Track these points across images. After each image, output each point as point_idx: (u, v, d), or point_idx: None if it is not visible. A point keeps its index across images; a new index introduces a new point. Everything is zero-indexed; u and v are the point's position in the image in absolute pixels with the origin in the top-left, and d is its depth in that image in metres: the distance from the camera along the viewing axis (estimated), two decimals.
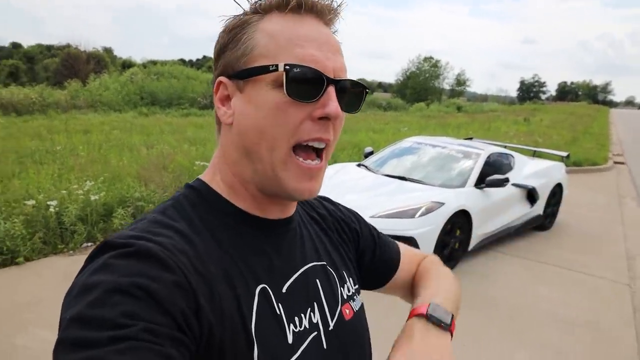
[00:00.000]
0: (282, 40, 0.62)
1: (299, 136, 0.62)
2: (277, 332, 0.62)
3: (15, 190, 4.88)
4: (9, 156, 7.05)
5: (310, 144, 0.63)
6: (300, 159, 0.63)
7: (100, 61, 32.99)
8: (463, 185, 5.01)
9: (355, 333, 0.76)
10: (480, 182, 5.10)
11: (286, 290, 0.66)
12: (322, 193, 3.73)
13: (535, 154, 7.42)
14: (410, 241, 4.26)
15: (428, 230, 4.31)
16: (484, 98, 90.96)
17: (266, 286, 0.64)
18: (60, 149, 7.78)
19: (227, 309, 0.58)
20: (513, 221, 5.58)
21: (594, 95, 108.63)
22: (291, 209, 0.73)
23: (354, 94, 0.67)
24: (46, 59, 43.83)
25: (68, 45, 36.55)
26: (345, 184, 5.15)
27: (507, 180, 5.07)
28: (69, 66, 30.92)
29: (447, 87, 53.89)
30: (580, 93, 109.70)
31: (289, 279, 0.68)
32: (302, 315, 0.67)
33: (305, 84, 0.60)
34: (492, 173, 5.29)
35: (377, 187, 4.99)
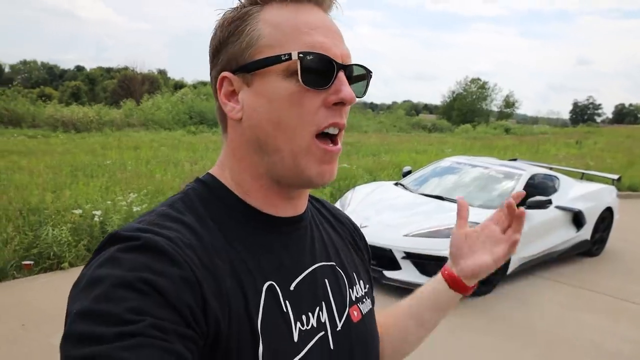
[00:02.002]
0: (288, 29, 0.60)
1: (317, 124, 0.61)
2: (283, 330, 0.61)
3: (65, 200, 5.17)
4: (64, 169, 7.48)
5: (326, 130, 0.62)
6: (323, 143, 0.62)
7: (154, 82, 34.70)
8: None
9: (364, 335, 0.74)
10: (521, 204, 4.91)
11: (294, 288, 0.65)
12: (359, 210, 3.79)
13: (583, 177, 7.09)
14: (445, 261, 4.14)
15: None
16: (535, 120, 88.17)
17: (274, 283, 0.63)
18: (110, 164, 8.19)
19: (233, 304, 0.57)
20: (557, 245, 5.33)
21: None
22: (302, 206, 0.71)
23: (358, 80, 0.67)
24: (106, 80, 46.57)
25: (126, 68, 38.75)
26: (382, 202, 5.12)
27: (549, 202, 4.87)
28: (125, 87, 32.77)
29: (495, 109, 52.70)
30: (639, 115, 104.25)
31: (297, 277, 0.66)
32: (310, 314, 0.66)
33: (319, 71, 0.60)
34: (534, 194, 5.09)
35: (414, 207, 4.92)
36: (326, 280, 0.71)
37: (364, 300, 0.77)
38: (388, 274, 4.29)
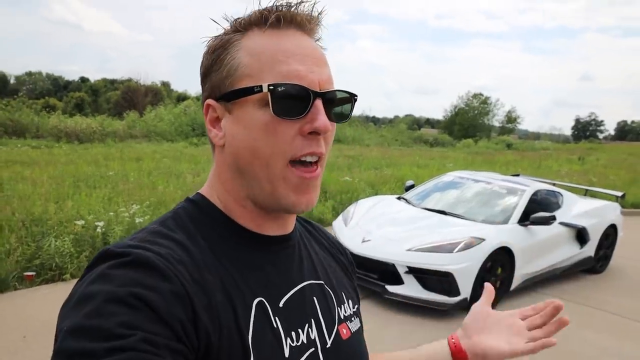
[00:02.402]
0: (265, 58, 0.61)
1: (292, 152, 0.61)
2: (273, 345, 0.61)
3: (68, 210, 5.17)
4: (67, 180, 7.49)
5: (303, 159, 0.62)
6: (298, 170, 0.63)
7: (158, 94, 34.93)
8: (506, 221, 4.85)
9: (353, 353, 0.74)
10: (525, 220, 4.91)
11: (283, 304, 0.66)
12: (361, 224, 3.77)
13: (587, 193, 7.08)
14: (448, 277, 4.14)
15: (466, 266, 4.17)
16: (536, 136, 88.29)
17: (263, 299, 0.63)
18: (113, 175, 8.20)
19: (224, 319, 0.57)
20: (560, 262, 5.30)
21: None
22: (290, 225, 0.72)
23: (342, 103, 0.66)
24: (109, 91, 46.88)
25: (129, 79, 39.05)
26: (384, 216, 5.11)
27: (553, 218, 4.85)
28: (128, 98, 33.00)
29: (496, 124, 52.86)
30: None
31: (286, 294, 0.67)
32: (300, 330, 0.66)
33: (292, 100, 0.60)
34: (537, 210, 5.08)
35: (417, 221, 4.92)
36: (315, 298, 0.71)
37: (353, 319, 0.78)
38: (391, 288, 4.26)
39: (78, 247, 4.53)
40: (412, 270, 4.22)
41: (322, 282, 0.75)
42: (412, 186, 6.21)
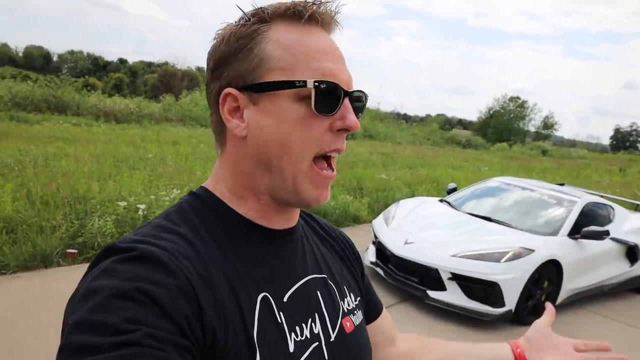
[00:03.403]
0: (299, 53, 0.61)
1: (321, 147, 0.62)
2: (278, 340, 0.61)
3: (110, 191, 5.21)
4: (107, 159, 7.60)
5: (329, 154, 0.64)
6: (320, 169, 0.64)
7: (194, 79, 35.22)
8: (555, 233, 4.64)
9: (357, 346, 0.75)
10: (575, 232, 4.69)
11: (287, 299, 0.66)
12: (403, 225, 3.63)
13: (638, 208, 6.75)
14: (493, 287, 3.99)
15: (514, 277, 4.01)
16: (572, 144, 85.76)
17: (267, 294, 0.63)
18: (152, 157, 8.28)
19: (229, 314, 0.57)
20: (609, 279, 5.06)
21: None
22: (294, 219, 0.73)
23: (362, 102, 0.68)
24: (147, 74, 47.69)
25: (166, 63, 39.59)
26: (426, 219, 4.98)
27: (607, 233, 4.62)
28: (165, 82, 33.39)
29: (532, 129, 51.49)
30: None
31: (290, 288, 0.67)
32: (304, 324, 0.66)
33: (329, 97, 0.61)
34: (586, 223, 4.86)
35: (460, 225, 4.76)
36: (318, 292, 0.72)
37: (356, 312, 0.78)
38: (432, 294, 4.14)
39: (119, 227, 4.56)
40: (455, 277, 4.08)
41: (325, 275, 0.75)
42: (454, 189, 6.04)
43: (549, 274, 4.30)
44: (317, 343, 0.67)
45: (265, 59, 0.61)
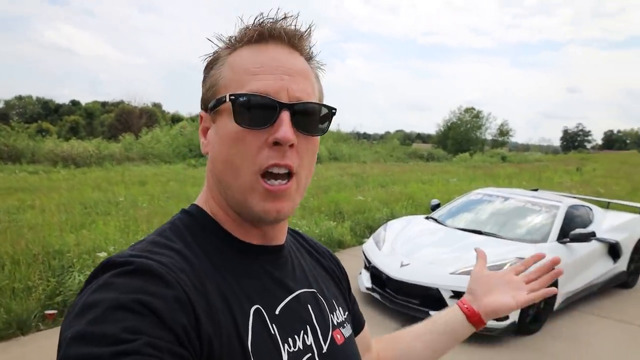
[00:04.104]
0: (239, 70, 0.64)
1: (259, 163, 0.62)
2: (272, 351, 0.62)
3: (86, 242, 4.92)
4: (75, 207, 7.24)
5: (270, 170, 0.62)
6: (265, 180, 0.63)
7: (152, 116, 34.67)
8: (545, 240, 4.69)
9: (348, 358, 0.76)
10: (562, 237, 4.76)
11: (279, 312, 0.67)
12: (396, 247, 3.59)
13: (609, 206, 6.96)
14: None
15: None
16: (526, 148, 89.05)
17: (260, 307, 0.64)
18: (123, 201, 7.95)
19: (224, 325, 0.58)
20: (597, 278, 5.14)
21: None
22: (280, 237, 0.73)
23: (316, 115, 0.66)
24: (102, 114, 46.55)
25: (121, 102, 38.83)
26: (417, 238, 4.94)
27: (593, 234, 4.71)
28: (123, 121, 32.70)
29: (489, 137, 53.23)
30: (628, 141, 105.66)
31: (282, 302, 0.68)
32: (296, 336, 0.67)
33: (257, 110, 0.61)
34: (571, 227, 4.95)
35: (452, 242, 4.74)
36: (309, 305, 0.73)
37: (345, 325, 0.79)
38: (435, 314, 4.05)
39: None
40: (457, 295, 4.02)
41: (314, 290, 0.76)
42: (437, 205, 6.06)
43: None
44: (310, 354, 0.67)
45: (217, 81, 0.65)
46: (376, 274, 4.57)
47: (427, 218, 5.66)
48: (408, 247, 4.68)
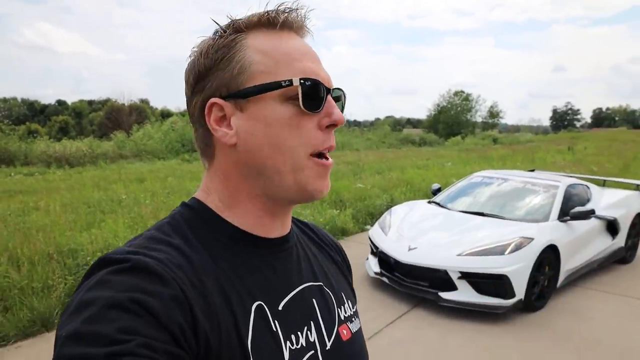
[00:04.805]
0: (279, 55, 0.63)
1: (314, 146, 0.63)
2: (273, 349, 0.61)
3: (96, 240, 4.99)
4: (79, 207, 7.28)
5: (323, 152, 0.65)
6: (319, 159, 0.65)
7: (141, 112, 34.43)
8: (546, 219, 4.83)
9: (354, 354, 0.75)
10: (562, 215, 4.91)
11: (282, 308, 0.66)
12: (402, 232, 3.78)
13: (605, 184, 7.13)
14: (503, 279, 4.09)
15: (520, 267, 4.14)
16: (516, 129, 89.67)
17: (262, 303, 0.63)
18: (125, 198, 7.99)
19: (223, 324, 0.57)
20: (597, 255, 5.31)
21: (633, 120, 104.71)
22: (288, 226, 0.73)
23: (341, 100, 0.70)
24: (90, 113, 46.08)
25: (108, 100, 38.45)
26: (423, 222, 5.07)
27: (592, 212, 4.87)
28: (113, 119, 32.47)
29: (479, 119, 53.47)
30: (617, 118, 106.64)
31: (285, 297, 0.67)
32: (299, 333, 0.66)
33: (315, 95, 0.63)
34: (570, 205, 5.10)
35: (459, 224, 4.87)
36: (314, 300, 0.72)
37: (353, 319, 0.78)
38: (445, 295, 4.20)
39: None
40: (465, 275, 4.16)
41: (321, 283, 0.75)
42: (439, 189, 6.18)
43: (548, 259, 4.47)
44: (312, 351, 0.66)
45: (247, 65, 0.62)
46: (384, 259, 4.70)
47: (429, 202, 5.78)
48: (414, 232, 4.80)
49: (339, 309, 0.75)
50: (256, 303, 0.62)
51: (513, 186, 5.56)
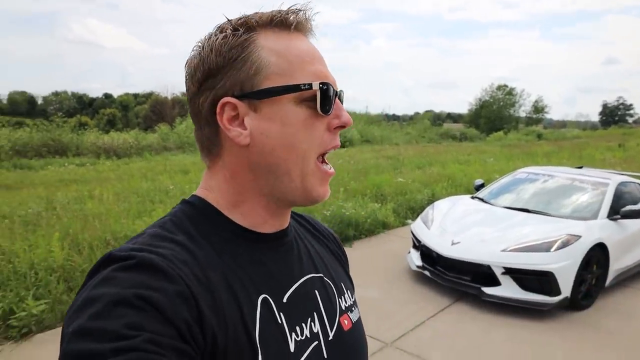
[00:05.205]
0: (292, 58, 0.64)
1: (323, 146, 0.66)
2: (279, 340, 0.63)
3: None
4: (130, 196, 7.62)
5: (330, 151, 0.68)
6: (323, 166, 0.67)
7: (184, 105, 35.33)
8: (595, 217, 4.72)
9: (355, 344, 0.76)
10: (613, 214, 4.78)
11: (286, 300, 0.67)
12: (445, 226, 3.83)
13: None
14: (548, 276, 4.05)
15: (566, 264, 4.08)
16: (562, 124, 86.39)
17: (267, 296, 0.64)
18: (172, 189, 8.31)
19: (229, 317, 0.58)
20: None
21: None
22: (287, 221, 0.74)
23: (342, 102, 0.71)
24: (135, 106, 47.71)
25: (152, 93, 39.73)
26: (467, 217, 5.05)
27: None
28: (157, 111, 33.55)
29: (523, 114, 51.80)
30: None
31: (289, 289, 0.69)
32: (303, 324, 0.68)
33: (328, 97, 0.64)
34: (621, 203, 4.95)
35: (503, 220, 4.83)
36: (316, 291, 0.73)
37: (353, 309, 0.80)
38: (487, 290, 4.19)
39: None
40: (509, 271, 4.14)
41: (321, 274, 0.76)
42: (482, 185, 6.12)
43: (596, 258, 4.38)
44: (316, 342, 0.68)
45: (262, 66, 0.62)
46: (426, 253, 4.72)
47: (472, 198, 5.74)
48: (457, 226, 4.80)
49: (339, 299, 0.77)
50: (262, 296, 0.63)
51: (560, 183, 5.44)
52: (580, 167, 7.37)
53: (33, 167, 14.08)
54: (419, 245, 4.91)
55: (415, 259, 4.91)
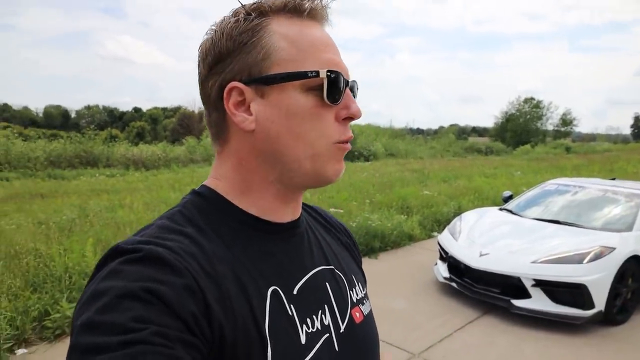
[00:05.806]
0: (304, 45, 0.62)
1: (335, 137, 0.64)
2: (290, 333, 0.61)
3: None
4: (159, 206, 7.78)
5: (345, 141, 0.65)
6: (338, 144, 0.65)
7: None
8: (629, 228, 4.59)
9: (366, 336, 0.75)
10: None
11: (297, 292, 0.66)
12: (473, 238, 3.81)
13: None
14: (581, 289, 3.95)
15: (600, 277, 3.97)
16: (592, 137, 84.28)
17: (277, 288, 0.63)
18: None
19: (238, 310, 0.57)
20: None
21: None
22: (298, 211, 0.73)
23: (355, 92, 0.69)
24: (164, 119, 48.83)
25: (179, 107, 40.58)
26: (496, 229, 4.99)
27: None
28: (184, 125, 34.25)
29: (550, 127, 50.80)
30: None
31: (299, 281, 0.67)
32: (314, 316, 0.66)
33: (337, 87, 0.62)
34: None
35: (533, 232, 4.75)
36: (327, 284, 0.71)
37: (364, 301, 0.78)
38: (517, 303, 4.11)
39: None
40: (539, 283, 4.06)
41: (332, 267, 0.75)
42: (510, 197, 6.04)
43: (632, 271, 4.25)
44: (327, 334, 0.66)
45: (272, 52, 0.61)
46: (454, 264, 4.67)
47: (500, 209, 5.66)
48: (486, 238, 4.74)
49: (350, 292, 0.75)
50: (271, 288, 0.62)
51: (591, 194, 5.32)
52: (613, 179, 7.19)
53: (66, 177, 14.58)
54: (446, 257, 4.86)
55: (443, 270, 4.86)
